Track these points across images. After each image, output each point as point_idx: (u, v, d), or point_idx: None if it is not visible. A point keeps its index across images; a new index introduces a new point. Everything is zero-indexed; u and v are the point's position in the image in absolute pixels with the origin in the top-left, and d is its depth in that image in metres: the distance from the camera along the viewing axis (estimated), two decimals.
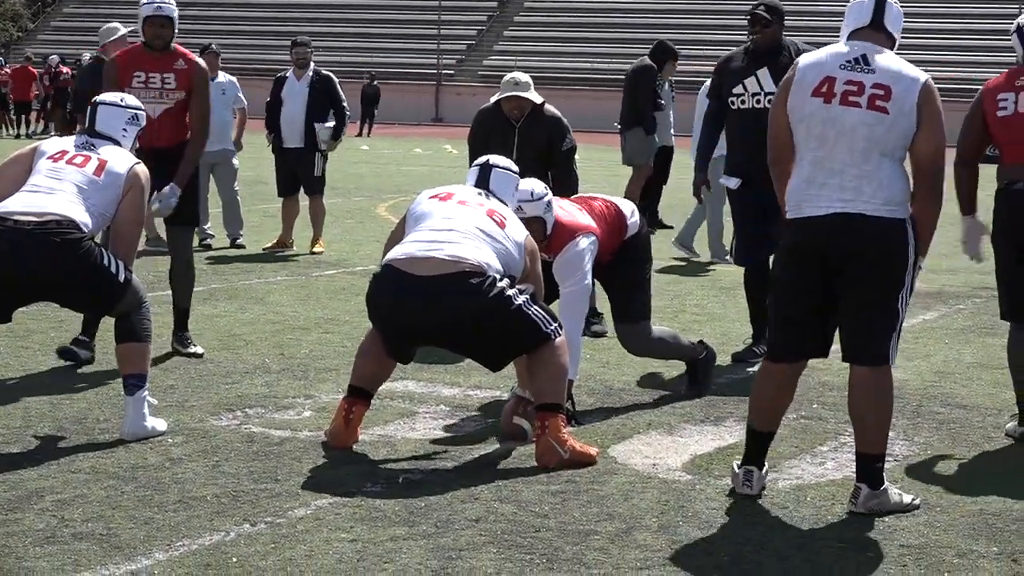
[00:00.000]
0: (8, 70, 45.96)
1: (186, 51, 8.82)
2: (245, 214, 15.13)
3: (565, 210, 7.26)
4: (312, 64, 13.99)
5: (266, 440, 6.63)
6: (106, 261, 6.58)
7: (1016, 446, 6.68)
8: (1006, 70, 6.87)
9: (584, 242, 6.98)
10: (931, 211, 5.26)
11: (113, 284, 6.59)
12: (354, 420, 6.34)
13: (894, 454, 6.02)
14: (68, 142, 6.93)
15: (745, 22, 8.76)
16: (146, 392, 6.66)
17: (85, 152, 6.75)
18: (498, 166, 6.83)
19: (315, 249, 14.04)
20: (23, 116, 44.33)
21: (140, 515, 5.18)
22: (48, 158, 6.71)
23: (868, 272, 5.14)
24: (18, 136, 41.31)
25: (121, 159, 6.73)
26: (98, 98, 7.46)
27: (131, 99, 7.45)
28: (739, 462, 5.67)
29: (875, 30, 5.26)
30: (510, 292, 6.19)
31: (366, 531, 4.98)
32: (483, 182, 6.76)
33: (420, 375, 8.28)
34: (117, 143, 6.89)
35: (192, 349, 8.69)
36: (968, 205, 6.78)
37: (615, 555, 4.74)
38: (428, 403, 7.59)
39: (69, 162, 6.60)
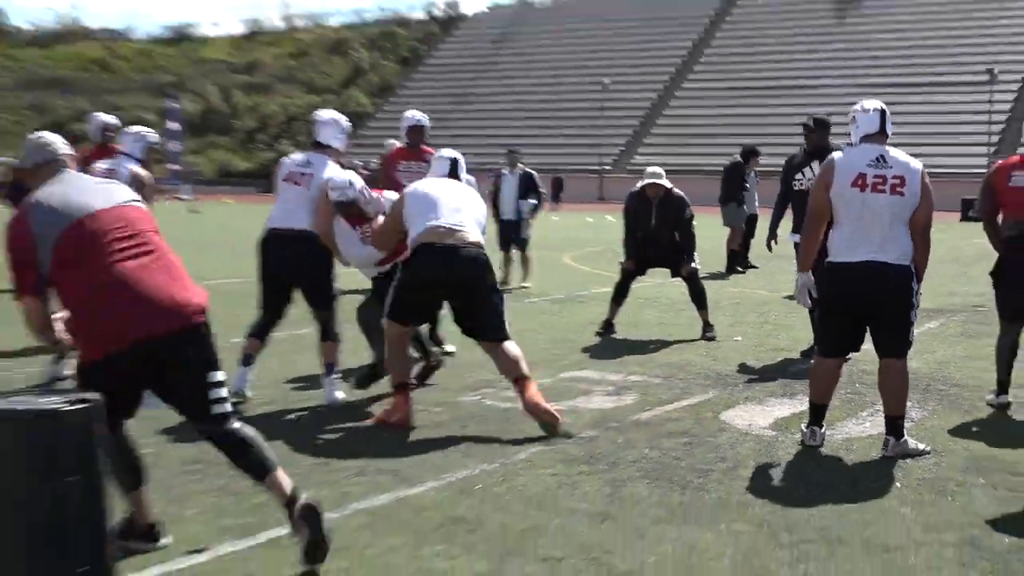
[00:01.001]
0: None
1: (430, 149, 10.10)
2: None
3: None
4: (520, 164, 17.31)
5: (496, 409, 7.99)
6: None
7: (996, 411, 7.97)
8: (1018, 155, 8.22)
9: None
10: (926, 257, 6.68)
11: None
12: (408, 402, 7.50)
13: (910, 417, 7.01)
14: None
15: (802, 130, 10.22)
16: (336, 375, 8.16)
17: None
18: (458, 158, 8.13)
19: (524, 284, 16.59)
20: None
21: (416, 455, 6.59)
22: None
23: (891, 299, 6.56)
24: None
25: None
26: None
27: None
28: (807, 423, 6.98)
29: (881, 135, 6.68)
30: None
31: (562, 468, 6.29)
32: (454, 172, 8.09)
33: (593, 366, 9.80)
34: None
35: (448, 348, 10.01)
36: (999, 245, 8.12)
37: (727, 484, 5.97)
38: (600, 385, 8.92)
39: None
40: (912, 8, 64.49)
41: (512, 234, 17.08)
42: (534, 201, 17.16)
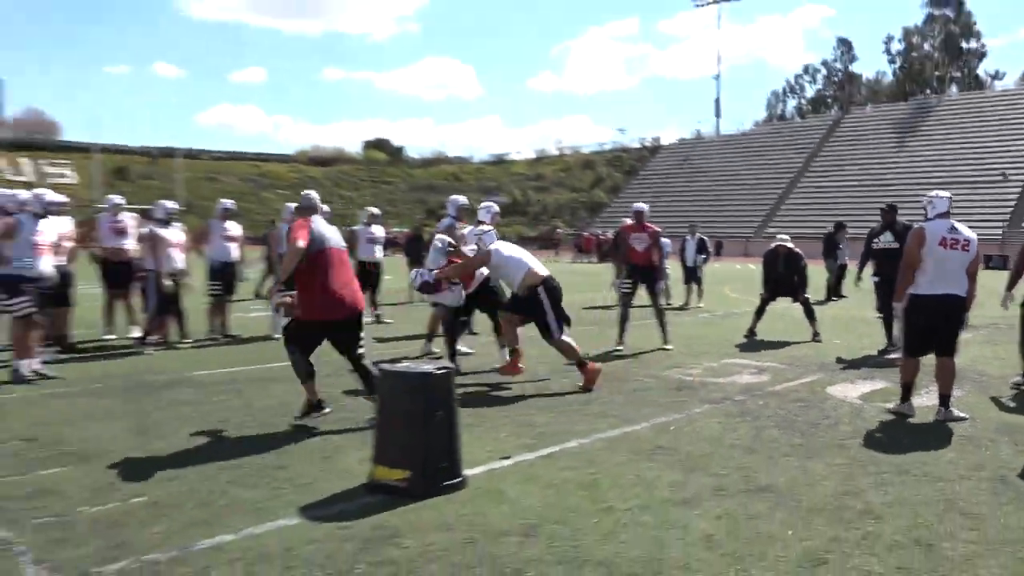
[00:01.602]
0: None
1: (650, 225, 9.92)
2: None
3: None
4: (697, 232, 16.62)
5: (684, 380, 7.74)
6: None
7: (1016, 392, 7.33)
8: None
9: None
10: (975, 292, 6.29)
11: None
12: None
13: (955, 396, 6.47)
14: None
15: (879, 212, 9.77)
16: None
17: None
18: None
19: (699, 305, 15.95)
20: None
21: (634, 406, 6.47)
22: None
23: (954, 318, 6.26)
24: None
25: None
26: None
27: None
28: (899, 399, 6.47)
29: (948, 213, 6.34)
30: None
31: (724, 419, 6.10)
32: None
33: (743, 356, 9.48)
34: None
35: (668, 347, 9.75)
36: None
37: (830, 433, 5.76)
38: (747, 367, 8.63)
39: None
40: (958, 127, 60.20)
41: (691, 275, 16.64)
42: (704, 256, 16.70)
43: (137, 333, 10.09)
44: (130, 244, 10.15)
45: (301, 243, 5.56)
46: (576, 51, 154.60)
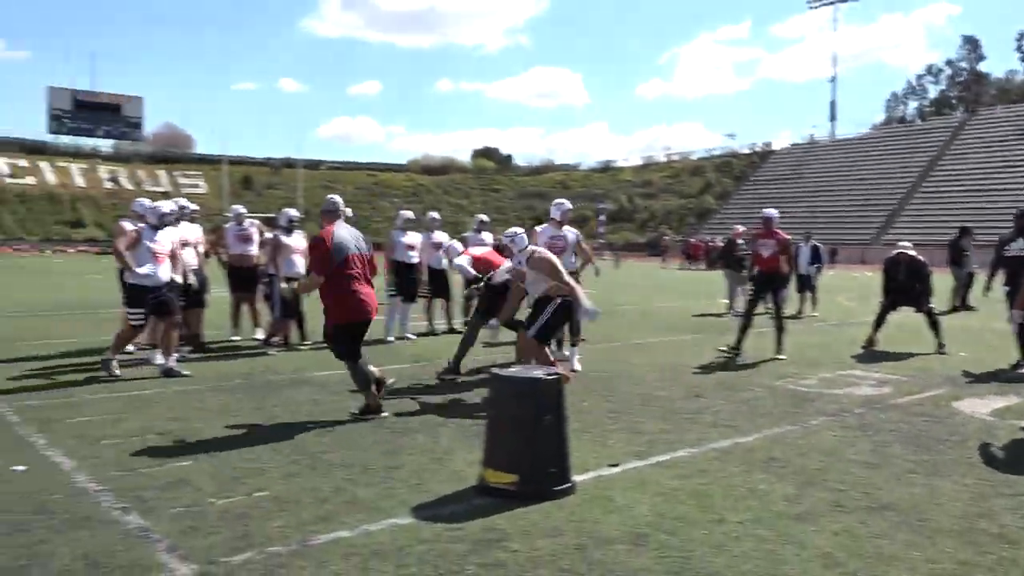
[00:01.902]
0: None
1: (778, 231, 9.70)
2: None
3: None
4: (812, 239, 16.16)
5: (798, 391, 7.57)
6: None
7: None
8: None
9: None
10: None
11: None
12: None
13: None
14: None
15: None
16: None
17: None
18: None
19: (814, 314, 15.50)
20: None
21: (746, 417, 6.28)
22: None
23: None
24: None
25: None
26: None
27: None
28: None
29: None
30: None
31: (842, 432, 5.88)
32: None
33: (860, 367, 9.15)
34: None
35: (781, 357, 9.50)
36: None
37: (958, 450, 5.45)
38: (866, 379, 8.31)
39: None
40: None
41: (805, 283, 15.97)
42: (818, 265, 16.03)
43: (261, 335, 10.54)
44: (254, 250, 10.61)
45: (319, 277, 6.07)
46: (685, 56, 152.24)
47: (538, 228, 8.98)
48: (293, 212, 10.32)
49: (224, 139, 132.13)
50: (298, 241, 10.02)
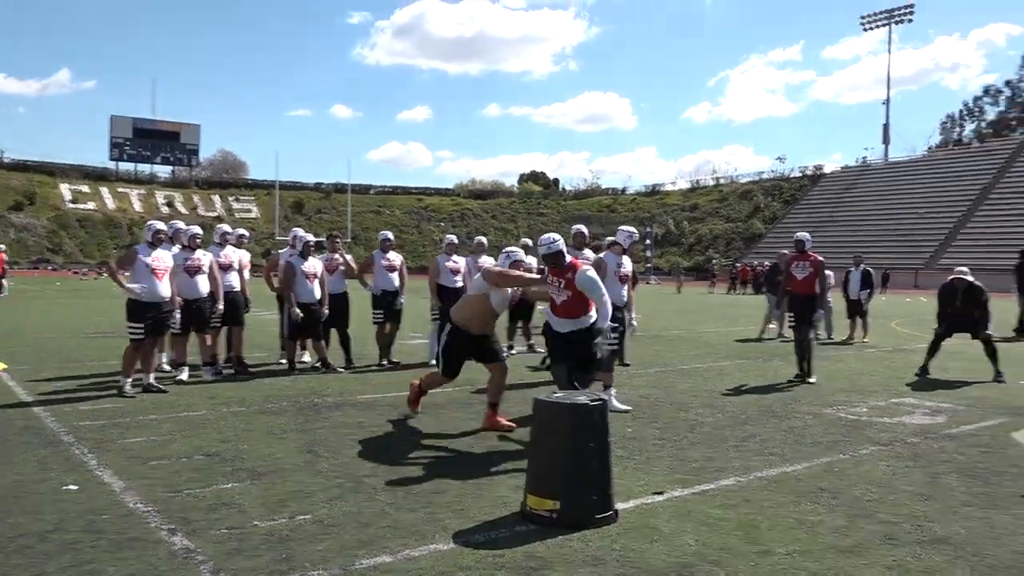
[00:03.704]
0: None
1: (812, 254, 9.67)
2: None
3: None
4: (862, 264, 15.78)
5: (846, 419, 7.43)
6: None
7: None
8: None
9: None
10: None
11: None
12: None
13: None
14: None
15: None
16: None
17: None
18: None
19: (865, 340, 15.18)
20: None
21: (794, 445, 6.18)
22: None
23: None
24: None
25: None
26: None
27: None
28: None
29: None
30: None
31: (894, 462, 5.73)
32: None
33: (914, 395, 9.01)
34: None
35: (811, 380, 9.50)
36: None
37: (1016, 486, 5.23)
38: (919, 407, 8.19)
39: None
40: None
41: (855, 308, 15.67)
42: (868, 291, 15.61)
43: (307, 358, 10.69)
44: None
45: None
46: (735, 79, 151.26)
47: (599, 253, 8.64)
48: (309, 236, 10.22)
49: (277, 165, 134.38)
50: (313, 266, 9.97)
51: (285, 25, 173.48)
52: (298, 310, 9.70)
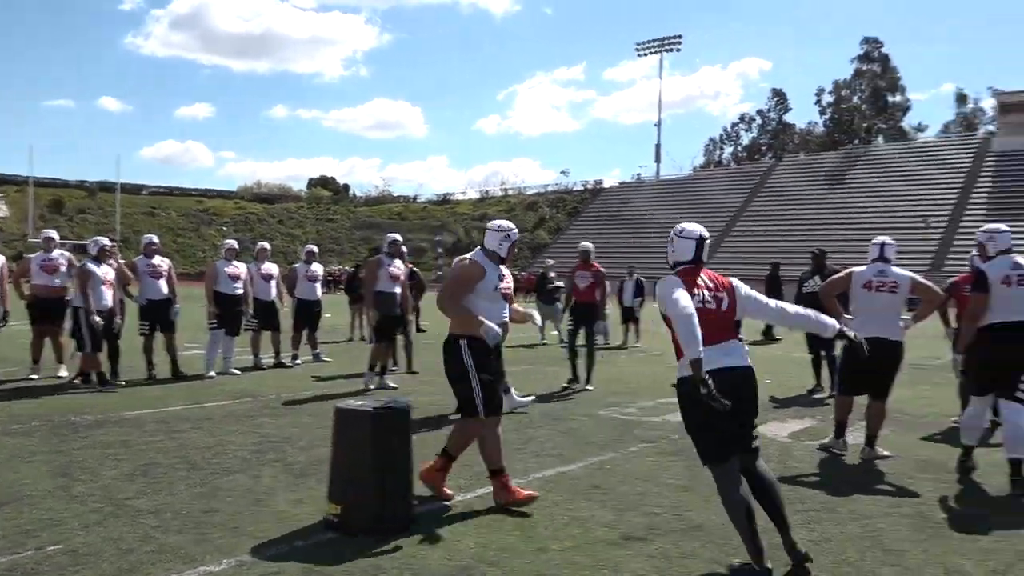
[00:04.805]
0: None
1: (595, 265, 10.30)
2: None
3: None
4: (635, 274, 16.81)
5: (619, 419, 7.69)
6: None
7: (941, 432, 7.40)
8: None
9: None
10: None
11: None
12: None
13: (880, 434, 6.55)
14: None
15: None
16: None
17: None
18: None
19: (636, 344, 15.96)
20: None
21: (570, 445, 6.42)
22: None
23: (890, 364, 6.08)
24: None
25: None
26: None
27: None
28: (831, 437, 6.47)
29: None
30: None
31: (658, 457, 6.09)
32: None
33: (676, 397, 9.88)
34: None
35: (589, 387, 9.72)
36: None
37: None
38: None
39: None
40: (884, 175, 62.58)
41: (629, 315, 16.74)
42: (640, 298, 16.65)
43: (64, 372, 9.77)
44: (59, 281, 9.85)
45: None
46: (523, 95, 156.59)
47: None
48: (104, 240, 9.60)
49: (31, 158, 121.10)
50: (108, 271, 9.32)
51: (45, 4, 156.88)
52: (98, 317, 8.86)
